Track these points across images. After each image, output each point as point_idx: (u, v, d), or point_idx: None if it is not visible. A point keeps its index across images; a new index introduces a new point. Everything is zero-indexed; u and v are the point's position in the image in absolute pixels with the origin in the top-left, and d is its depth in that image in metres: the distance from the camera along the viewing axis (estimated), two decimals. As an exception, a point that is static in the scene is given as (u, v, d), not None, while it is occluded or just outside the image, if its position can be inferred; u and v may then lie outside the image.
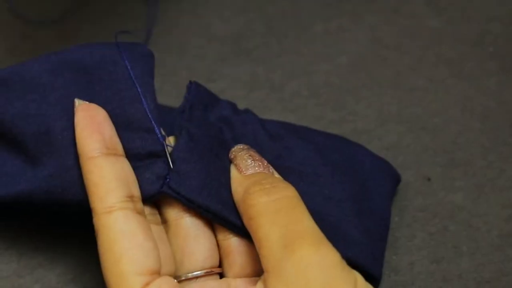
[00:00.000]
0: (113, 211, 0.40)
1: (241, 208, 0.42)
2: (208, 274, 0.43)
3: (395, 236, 0.50)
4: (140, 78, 0.45)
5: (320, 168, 0.47)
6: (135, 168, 0.43)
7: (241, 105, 0.51)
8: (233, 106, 0.49)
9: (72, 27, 0.61)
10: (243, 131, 0.47)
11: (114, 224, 0.40)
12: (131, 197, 0.41)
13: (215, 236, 0.44)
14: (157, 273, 0.40)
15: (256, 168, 0.43)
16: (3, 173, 0.44)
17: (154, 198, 0.43)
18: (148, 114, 0.44)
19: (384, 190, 0.49)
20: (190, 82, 0.48)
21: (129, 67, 0.45)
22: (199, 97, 0.47)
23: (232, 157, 0.44)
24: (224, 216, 0.43)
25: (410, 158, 0.54)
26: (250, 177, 0.42)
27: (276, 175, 0.43)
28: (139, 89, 0.44)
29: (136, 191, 0.42)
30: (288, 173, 0.45)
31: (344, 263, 0.39)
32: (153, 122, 0.44)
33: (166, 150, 0.44)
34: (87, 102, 0.43)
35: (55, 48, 0.58)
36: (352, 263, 0.40)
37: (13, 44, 0.59)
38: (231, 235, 0.43)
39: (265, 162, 0.44)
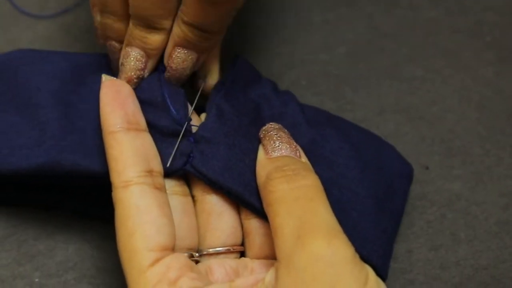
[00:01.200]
0: (129, 186, 0.40)
1: (262, 193, 0.42)
2: (228, 251, 0.44)
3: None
4: None
5: (352, 161, 0.47)
6: (161, 143, 0.43)
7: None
8: (274, 85, 0.49)
9: (71, 21, 0.61)
10: (282, 110, 0.47)
11: (129, 199, 0.40)
12: (150, 172, 0.41)
13: (239, 215, 0.45)
14: (169, 249, 0.40)
15: (283, 151, 0.43)
16: (19, 145, 0.45)
17: (176, 174, 0.43)
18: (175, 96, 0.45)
19: (404, 192, 0.49)
20: (236, 56, 0.48)
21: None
22: (243, 72, 0.48)
23: (261, 136, 0.44)
24: (245, 198, 0.43)
25: (408, 147, 0.55)
26: (274, 161, 0.42)
27: (304, 159, 0.43)
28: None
29: (157, 166, 0.42)
30: (320, 161, 0.45)
31: (357, 259, 0.38)
32: (183, 104, 0.45)
33: (189, 130, 0.44)
34: (113, 78, 0.44)
35: (55, 40, 0.59)
36: (364, 261, 0.40)
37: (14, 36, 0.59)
38: (252, 216, 0.44)
39: (294, 144, 0.43)
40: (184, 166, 0.43)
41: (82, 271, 0.48)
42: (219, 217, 0.44)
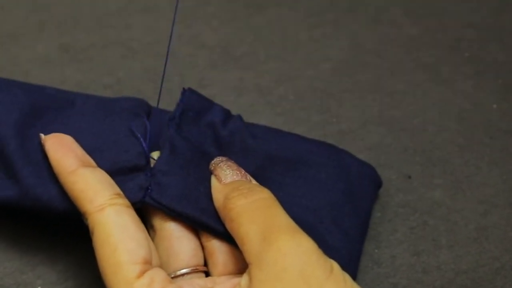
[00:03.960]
0: (105, 208, 0.42)
1: (222, 213, 0.43)
2: (194, 271, 0.45)
3: (378, 231, 0.52)
4: (134, 107, 0.48)
5: (300, 180, 0.48)
6: (118, 181, 0.44)
7: (230, 110, 0.52)
8: (225, 112, 0.50)
9: (69, 41, 0.62)
10: (230, 140, 0.48)
11: (107, 219, 0.41)
12: (118, 194, 0.43)
13: (199, 239, 0.46)
14: (150, 263, 0.41)
15: (234, 177, 0.45)
16: None
17: (136, 207, 0.44)
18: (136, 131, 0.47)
19: (368, 194, 0.50)
20: (184, 89, 0.49)
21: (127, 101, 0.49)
22: (191, 104, 0.49)
23: (212, 168, 0.46)
24: (203, 221, 0.44)
25: (391, 157, 0.56)
26: (229, 185, 0.44)
27: (254, 182, 0.45)
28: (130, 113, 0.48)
29: (120, 190, 0.44)
30: (269, 183, 0.46)
31: (320, 251, 0.40)
32: (140, 138, 0.46)
33: (150, 163, 0.46)
34: (52, 134, 0.46)
35: (53, 59, 0.60)
36: None
37: (14, 55, 0.61)
38: (212, 237, 0.45)
39: (243, 171, 0.45)
40: (143, 198, 0.44)
41: (81, 279, 0.49)
42: (178, 241, 0.45)
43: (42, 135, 0.46)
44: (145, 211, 0.46)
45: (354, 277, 0.47)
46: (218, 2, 0.67)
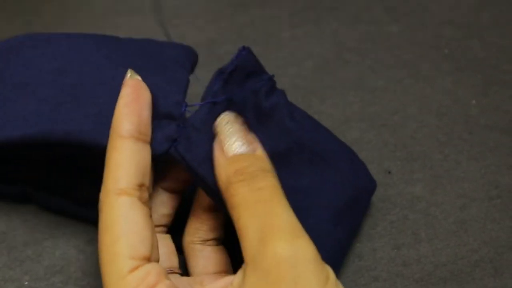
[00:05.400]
0: (122, 194, 0.40)
1: (224, 195, 0.41)
2: (169, 272, 0.45)
3: (359, 225, 0.51)
4: (181, 57, 0.48)
5: (317, 176, 0.47)
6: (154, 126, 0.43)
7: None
8: (272, 83, 0.48)
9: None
10: (270, 113, 0.47)
11: (119, 207, 0.40)
12: (141, 186, 0.41)
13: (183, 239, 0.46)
14: (148, 259, 0.40)
15: (239, 150, 0.42)
16: (20, 117, 0.45)
17: (159, 158, 0.43)
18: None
19: (365, 207, 0.50)
20: (243, 47, 0.47)
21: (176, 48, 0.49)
22: (244, 65, 0.47)
23: (217, 129, 0.43)
24: (215, 190, 0.42)
25: (372, 153, 0.56)
26: (232, 163, 0.41)
27: (259, 151, 0.42)
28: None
29: (147, 181, 0.42)
30: (289, 168, 0.45)
31: (318, 258, 0.38)
32: (182, 89, 0.46)
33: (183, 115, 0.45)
34: (138, 78, 0.44)
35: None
36: None
37: None
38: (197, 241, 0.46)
39: (248, 136, 0.42)
40: (169, 150, 0.43)
41: (68, 274, 0.49)
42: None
43: (129, 72, 0.44)
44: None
45: None
46: (203, 2, 0.68)
